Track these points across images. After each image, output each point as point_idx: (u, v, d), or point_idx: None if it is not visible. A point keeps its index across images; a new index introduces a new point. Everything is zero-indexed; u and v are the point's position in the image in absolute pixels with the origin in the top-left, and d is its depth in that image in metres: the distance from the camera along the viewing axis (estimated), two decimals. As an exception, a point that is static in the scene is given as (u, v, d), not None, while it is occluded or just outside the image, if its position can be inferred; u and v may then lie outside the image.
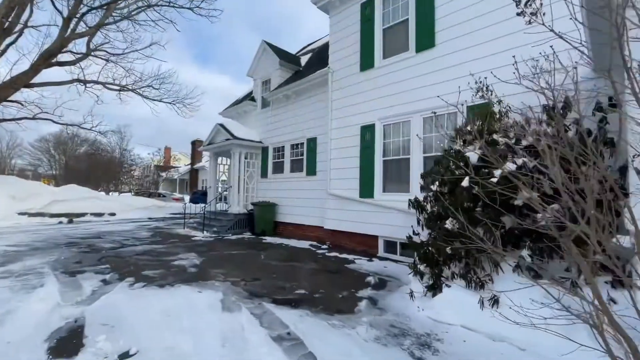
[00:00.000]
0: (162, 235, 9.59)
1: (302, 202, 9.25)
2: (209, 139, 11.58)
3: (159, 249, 7.17)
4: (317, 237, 8.73)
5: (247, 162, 10.84)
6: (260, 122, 11.22)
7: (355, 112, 7.56)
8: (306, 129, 9.26)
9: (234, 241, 8.62)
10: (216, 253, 6.87)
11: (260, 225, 9.68)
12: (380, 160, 6.98)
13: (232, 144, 10.35)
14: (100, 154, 27.05)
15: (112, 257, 6.21)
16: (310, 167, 9.02)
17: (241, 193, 10.58)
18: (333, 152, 8.03)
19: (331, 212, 7.95)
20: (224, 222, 10.08)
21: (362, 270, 5.56)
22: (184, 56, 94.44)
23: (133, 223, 12.97)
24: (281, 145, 10.24)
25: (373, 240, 7.06)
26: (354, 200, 7.39)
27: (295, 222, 9.48)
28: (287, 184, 9.84)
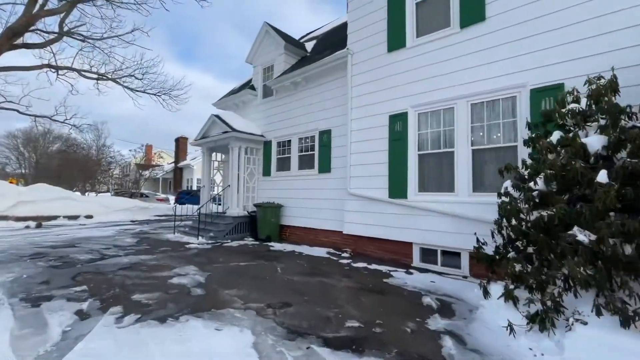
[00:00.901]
0: (149, 242, 8.26)
1: (313, 203, 8.15)
2: (202, 132, 10.28)
3: (149, 261, 5.90)
4: (333, 242, 7.66)
5: (247, 158, 9.63)
6: (262, 114, 10.03)
7: (381, 100, 6.54)
8: (318, 120, 8.17)
9: (237, 249, 7.42)
10: (221, 265, 5.68)
11: (265, 229, 8.51)
12: (415, 154, 5.99)
13: (231, 138, 9.12)
14: (75, 150, 24.86)
15: (91, 274, 4.92)
16: (324, 164, 7.94)
17: (241, 193, 9.37)
18: (354, 145, 6.98)
19: (352, 215, 6.90)
20: (222, 226, 8.85)
21: (409, 287, 4.54)
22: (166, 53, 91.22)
23: (114, 227, 11.47)
24: (287, 139, 9.10)
25: (405, 247, 6.06)
26: (381, 201, 6.37)
27: (305, 226, 8.37)
28: (295, 182, 8.72)
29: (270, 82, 9.26)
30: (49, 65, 13.53)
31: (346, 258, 6.47)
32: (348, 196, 6.98)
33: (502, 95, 5.03)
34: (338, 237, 7.55)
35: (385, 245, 6.38)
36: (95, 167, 23.83)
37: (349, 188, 6.93)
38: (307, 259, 6.35)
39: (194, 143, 10.58)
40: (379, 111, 6.55)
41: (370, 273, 5.34)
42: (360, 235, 6.78)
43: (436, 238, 5.58)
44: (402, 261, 6.08)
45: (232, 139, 9.16)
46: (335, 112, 7.77)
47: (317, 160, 8.17)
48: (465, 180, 5.31)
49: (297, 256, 6.66)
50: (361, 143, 6.84)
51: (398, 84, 6.29)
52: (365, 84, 6.88)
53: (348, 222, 6.96)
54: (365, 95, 6.86)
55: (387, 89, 6.45)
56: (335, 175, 7.65)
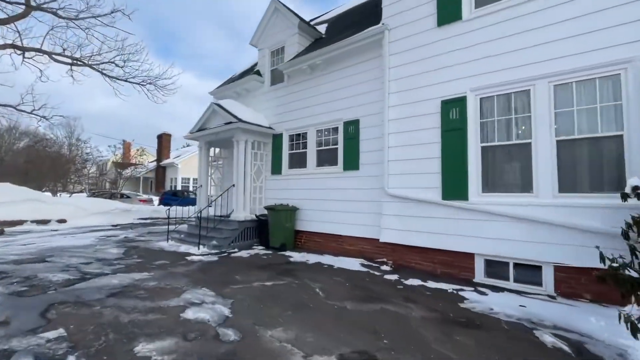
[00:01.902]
0: (140, 253, 6.86)
1: (335, 205, 7.02)
2: (199, 124, 8.91)
3: (146, 282, 4.58)
4: (362, 251, 6.56)
5: (254, 153, 8.36)
6: (270, 103, 8.78)
7: (429, 82, 5.50)
8: (343, 109, 7.04)
9: (250, 261, 6.18)
10: (242, 287, 4.45)
11: (278, 236, 7.28)
12: (477, 147, 4.98)
13: (236, 130, 7.83)
14: (45, 147, 22.46)
15: (69, 306, 3.59)
16: (350, 160, 6.82)
17: (247, 194, 8.09)
18: (392, 138, 5.90)
19: (390, 220, 5.82)
20: (226, 233, 7.55)
21: (502, 316, 3.51)
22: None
23: (93, 233, 9.87)
24: (302, 132, 7.91)
25: (464, 259, 5.05)
26: (431, 204, 5.33)
27: (325, 232, 7.22)
28: (312, 181, 7.55)
29: (283, 66, 8.02)
30: (14, 45, 11.71)
31: (389, 272, 5.38)
32: (385, 197, 5.90)
33: (599, 73, 4.09)
34: (368, 244, 6.46)
35: (436, 255, 5.35)
36: (68, 165, 21.59)
37: (387, 188, 5.85)
38: (343, 275, 5.20)
39: (190, 136, 9.18)
40: (427, 96, 5.51)
41: (434, 294, 4.27)
42: (401, 243, 5.71)
43: (507, 248, 4.59)
44: (459, 276, 5.06)
45: (237, 131, 7.87)
46: (364, 99, 6.66)
47: (341, 156, 7.03)
48: (547, 179, 4.34)
49: (328, 270, 5.50)
50: (402, 135, 5.77)
51: (452, 63, 5.26)
52: (406, 65, 5.82)
53: (386, 229, 5.88)
54: (407, 78, 5.79)
55: (438, 69, 5.42)
56: (365, 173, 6.55)
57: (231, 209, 8.27)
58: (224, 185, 9.83)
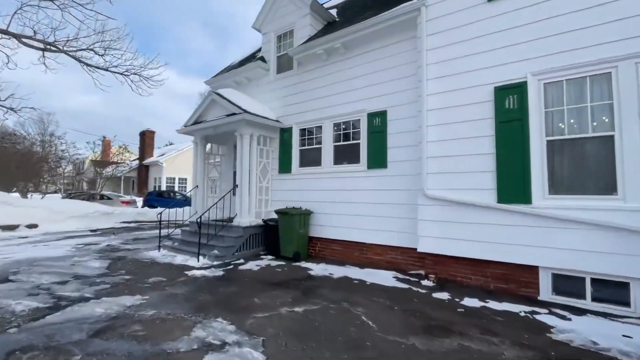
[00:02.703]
0: (128, 266, 5.76)
1: (359, 208, 6.15)
2: (194, 117, 7.84)
3: (140, 311, 3.57)
4: (391, 262, 5.73)
5: (260, 149, 7.38)
6: (276, 93, 7.81)
7: (479, 66, 4.72)
8: (366, 99, 6.17)
9: (263, 276, 5.22)
10: (267, 317, 3.51)
11: (291, 244, 6.34)
12: (541, 141, 4.23)
13: (240, 122, 6.83)
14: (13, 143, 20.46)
15: (37, 355, 2.55)
16: (376, 156, 5.96)
17: (253, 196, 7.10)
18: (432, 131, 5.09)
19: (431, 226, 5.01)
20: (229, 241, 6.55)
21: (615, 354, 2.74)
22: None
23: (69, 241, 8.59)
24: (316, 125, 6.99)
25: (526, 272, 4.29)
26: (482, 208, 4.55)
27: (346, 239, 6.34)
28: (328, 181, 6.65)
29: (293, 51, 7.07)
30: (-26, 25, 10.18)
31: (434, 289, 4.55)
32: (423, 200, 5.08)
33: None
34: (400, 254, 5.63)
35: (488, 268, 4.57)
36: (40, 164, 19.74)
37: (426, 189, 5.03)
38: (383, 293, 4.34)
39: (184, 130, 8.08)
40: (475, 82, 4.72)
41: (507, 320, 3.47)
42: (444, 254, 4.90)
43: (583, 260, 3.86)
44: (519, 292, 4.30)
45: (241, 124, 6.86)
46: (393, 87, 5.83)
47: (364, 152, 6.16)
48: (638, 179, 3.63)
49: (361, 287, 4.63)
50: (445, 127, 4.97)
51: (508, 43, 4.49)
52: (449, 47, 5.01)
53: (425, 236, 5.05)
54: (449, 62, 4.99)
55: (489, 51, 4.64)
56: (395, 172, 5.72)
57: (234, 213, 7.27)
58: (222, 186, 8.80)
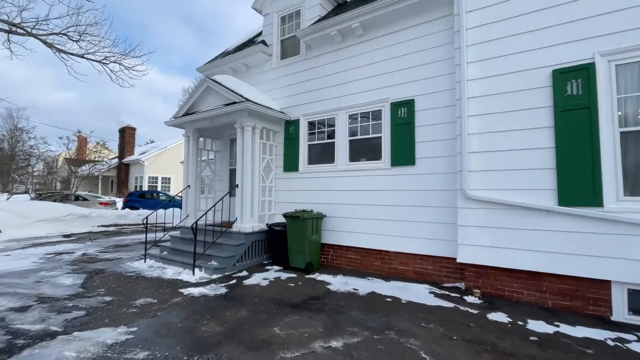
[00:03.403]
0: (108, 282, 4.77)
1: (380, 211, 5.39)
2: (186, 106, 6.86)
3: (129, 357, 2.66)
4: (422, 273, 5.00)
5: (263, 145, 6.49)
6: (279, 82, 6.94)
7: (533, 46, 4.04)
8: (389, 87, 5.42)
9: (277, 294, 4.36)
10: (300, 357, 2.68)
11: (303, 252, 5.51)
12: (614, 132, 3.59)
13: (242, 112, 5.94)
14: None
15: None
16: (401, 152, 5.22)
17: (256, 197, 6.20)
18: (473, 121, 4.38)
19: (474, 233, 4.30)
20: (230, 249, 5.64)
21: None
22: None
23: (36, 249, 7.41)
24: (328, 117, 6.18)
25: (593, 288, 3.64)
26: (541, 211, 3.88)
27: (365, 247, 5.57)
28: (343, 180, 5.86)
29: (302, 32, 6.21)
30: None
31: (484, 307, 3.84)
32: (463, 202, 4.37)
33: None
34: (431, 264, 4.91)
35: (545, 282, 3.90)
36: (6, 162, 17.93)
37: (467, 189, 4.32)
38: (429, 315, 3.58)
39: (173, 122, 7.07)
40: (528, 64, 4.05)
41: (599, 352, 2.78)
42: (490, 265, 4.21)
43: (670, 275, 3.23)
44: (586, 312, 3.65)
45: (243, 115, 5.97)
46: (422, 73, 5.10)
47: (387, 147, 5.40)
48: None
49: (399, 307, 3.85)
50: (490, 117, 4.27)
51: (569, 18, 3.84)
52: (494, 24, 4.32)
53: (467, 244, 4.34)
54: (494, 42, 4.30)
55: (546, 28, 3.97)
56: (425, 169, 4.99)
57: (232, 217, 6.35)
58: (216, 186, 7.85)
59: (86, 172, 18.57)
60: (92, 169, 18.83)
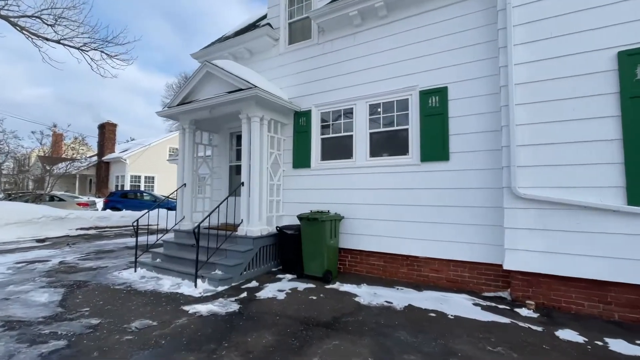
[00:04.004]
0: (92, 298, 3.98)
1: (407, 212, 4.83)
2: (182, 95, 6.09)
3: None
4: (458, 282, 4.47)
5: (271, 138, 5.81)
6: (287, 69, 6.27)
7: (593, 25, 3.58)
8: (417, 73, 4.87)
9: (300, 310, 3.72)
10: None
11: (320, 259, 4.87)
12: (695, 122, 3.16)
13: (249, 101, 5.25)
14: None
15: None
16: (432, 146, 4.67)
17: (264, 197, 5.52)
18: (521, 111, 3.88)
19: (525, 236, 3.80)
20: (235, 256, 4.95)
21: None
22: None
23: (4, 257, 6.44)
24: (345, 107, 5.57)
25: (670, 299, 3.20)
26: (605, 211, 3.41)
27: (389, 252, 4.99)
28: (363, 178, 5.27)
29: (317, 13, 5.57)
30: None
31: (546, 322, 3.33)
32: (512, 201, 3.86)
33: None
34: (467, 270, 4.39)
35: (610, 292, 3.44)
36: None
37: (517, 187, 3.81)
38: (489, 335, 3.02)
39: (166, 112, 6.27)
40: (587, 46, 3.58)
41: None
42: (544, 273, 3.71)
43: None
44: (662, 326, 3.20)
45: (250, 104, 5.28)
46: (456, 58, 4.57)
47: (415, 141, 4.85)
48: None
49: (448, 324, 3.29)
50: (541, 106, 3.78)
51: (639, -8, 3.39)
52: (545, 0, 3.84)
53: (516, 249, 3.84)
54: (547, 21, 3.81)
55: (607, 5, 3.51)
56: (460, 165, 4.47)
57: (237, 219, 5.64)
58: (214, 184, 7.10)
59: (62, 170, 17.22)
60: (69, 167, 17.47)
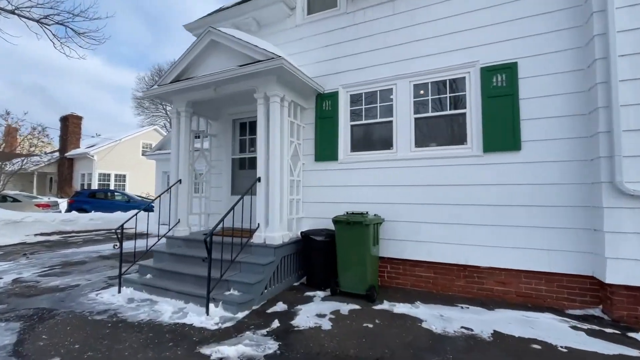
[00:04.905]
0: (62, 336, 2.81)
1: (464, 214, 4.02)
2: (177, 70, 4.91)
3: None
4: (529, 297, 3.71)
5: (291, 124, 4.79)
6: (307, 43, 5.27)
7: None
8: (479, 46, 4.05)
9: (363, 345, 2.77)
10: None
11: (361, 272, 3.94)
12: None
13: (270, 76, 4.22)
14: None
15: None
16: (498, 134, 3.88)
17: (285, 196, 4.49)
18: (626, 89, 3.17)
19: (634, 243, 3.08)
20: (253, 271, 3.91)
21: None
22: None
23: (-64, 276, 4.95)
24: (382, 88, 4.67)
25: None
26: None
27: (441, 261, 4.15)
28: (407, 173, 4.39)
29: (347, -27, 4.63)
30: None
31: (683, 354, 2.62)
32: (615, 199, 3.14)
33: None
34: (544, 283, 3.64)
35: None
36: None
37: (623, 181, 3.09)
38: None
39: (157, 91, 5.05)
40: None
41: None
42: (658, 287, 3.02)
43: None
44: None
45: (269, 80, 4.24)
46: (529, 27, 3.80)
47: (475, 127, 4.04)
48: None
49: (569, 362, 2.49)
50: (653, 81, 3.08)
51: None
52: (655, -46, 3.14)
53: (622, 258, 3.11)
54: (658, -22, 3.12)
55: None
56: (535, 156, 3.71)
57: (246, 222, 4.58)
58: (212, 181, 5.96)
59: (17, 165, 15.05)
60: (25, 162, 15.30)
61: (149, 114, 33.81)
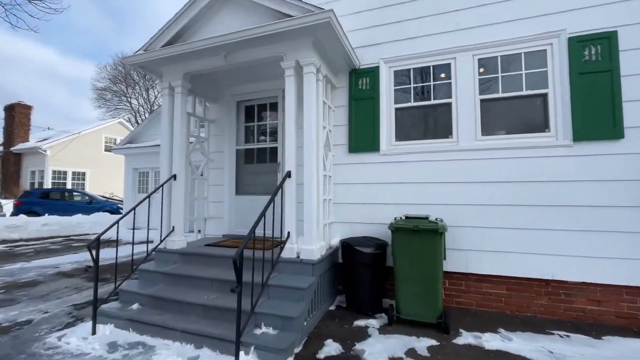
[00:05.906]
0: None
1: (546, 216, 3.26)
2: (171, 32, 3.74)
3: None
4: (633, 317, 3.03)
5: (323, 106, 3.78)
6: (340, 6, 4.27)
7: None
8: (565, 12, 3.30)
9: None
10: None
11: (428, 293, 3.06)
12: None
13: (306, 37, 3.21)
14: None
15: None
16: (592, 118, 3.16)
17: (320, 196, 3.49)
18: None
19: None
20: (288, 296, 2.90)
21: None
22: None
23: None
24: (435, 63, 3.80)
25: None
26: None
27: (516, 275, 3.37)
28: (471, 166, 3.57)
29: None
30: None
31: None
32: None
33: None
34: (655, 302, 2.97)
35: None
36: None
37: None
38: None
39: (142, 58, 3.82)
40: None
41: None
42: None
43: None
44: None
45: (303, 43, 3.23)
46: (633, -11, 3.11)
47: (561, 111, 3.29)
48: None
49: None
50: None
51: None
52: None
53: None
54: None
55: None
56: (639, 147, 3.03)
57: (286, 233, 3.52)
58: (210, 177, 4.81)
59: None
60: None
61: (111, 106, 30.83)
